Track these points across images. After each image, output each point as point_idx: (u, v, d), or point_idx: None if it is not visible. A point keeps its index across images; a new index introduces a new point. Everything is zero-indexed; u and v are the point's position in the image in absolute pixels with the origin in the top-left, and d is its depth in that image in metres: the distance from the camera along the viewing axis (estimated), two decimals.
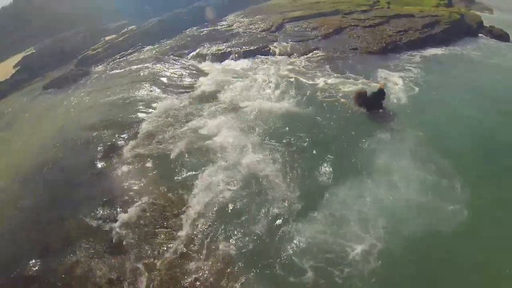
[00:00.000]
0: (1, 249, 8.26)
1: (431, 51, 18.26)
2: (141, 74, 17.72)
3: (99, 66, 21.71)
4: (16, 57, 33.96)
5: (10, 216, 9.24)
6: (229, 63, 17.55)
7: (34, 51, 32.97)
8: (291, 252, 7.08)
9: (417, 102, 12.71)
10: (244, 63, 17.28)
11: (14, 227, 8.83)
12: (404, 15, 22.53)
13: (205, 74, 16.46)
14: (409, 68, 15.74)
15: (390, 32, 19.79)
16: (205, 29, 23.11)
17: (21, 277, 7.31)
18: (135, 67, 19.09)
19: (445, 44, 19.37)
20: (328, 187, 8.71)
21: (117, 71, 19.71)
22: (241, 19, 24.20)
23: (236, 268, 6.90)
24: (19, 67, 29.53)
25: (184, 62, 18.67)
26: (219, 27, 23.12)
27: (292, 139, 10.63)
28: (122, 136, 11.67)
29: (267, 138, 10.77)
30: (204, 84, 15.09)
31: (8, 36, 39.16)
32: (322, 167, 9.37)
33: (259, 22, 22.84)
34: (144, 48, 22.53)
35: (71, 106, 16.42)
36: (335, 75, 14.92)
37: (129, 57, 21.71)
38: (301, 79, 14.51)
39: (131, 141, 11.32)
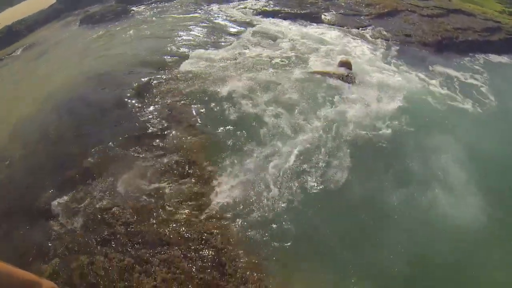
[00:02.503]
0: (18, 177, 7.91)
1: (494, 58, 16.00)
2: (184, 17, 16.89)
3: (140, 6, 21.01)
4: None
5: (32, 145, 8.84)
6: (276, 21, 16.28)
7: None
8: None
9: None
10: (292, 25, 15.86)
11: (34, 156, 8.43)
12: (465, 12, 20.69)
13: (251, 26, 15.30)
14: (477, 69, 13.63)
15: (448, 27, 18.19)
16: None
17: (35, 207, 6.93)
18: (177, 9, 18.41)
19: (506, 53, 16.95)
20: None
21: (158, 12, 18.96)
22: None
23: None
24: None
25: (228, 12, 17.61)
26: None
27: None
28: (158, 75, 10.89)
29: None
30: (250, 35, 14.08)
31: None
32: None
33: None
34: None
35: (107, 42, 15.92)
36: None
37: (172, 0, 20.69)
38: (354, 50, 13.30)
39: (167, 81, 10.51)
